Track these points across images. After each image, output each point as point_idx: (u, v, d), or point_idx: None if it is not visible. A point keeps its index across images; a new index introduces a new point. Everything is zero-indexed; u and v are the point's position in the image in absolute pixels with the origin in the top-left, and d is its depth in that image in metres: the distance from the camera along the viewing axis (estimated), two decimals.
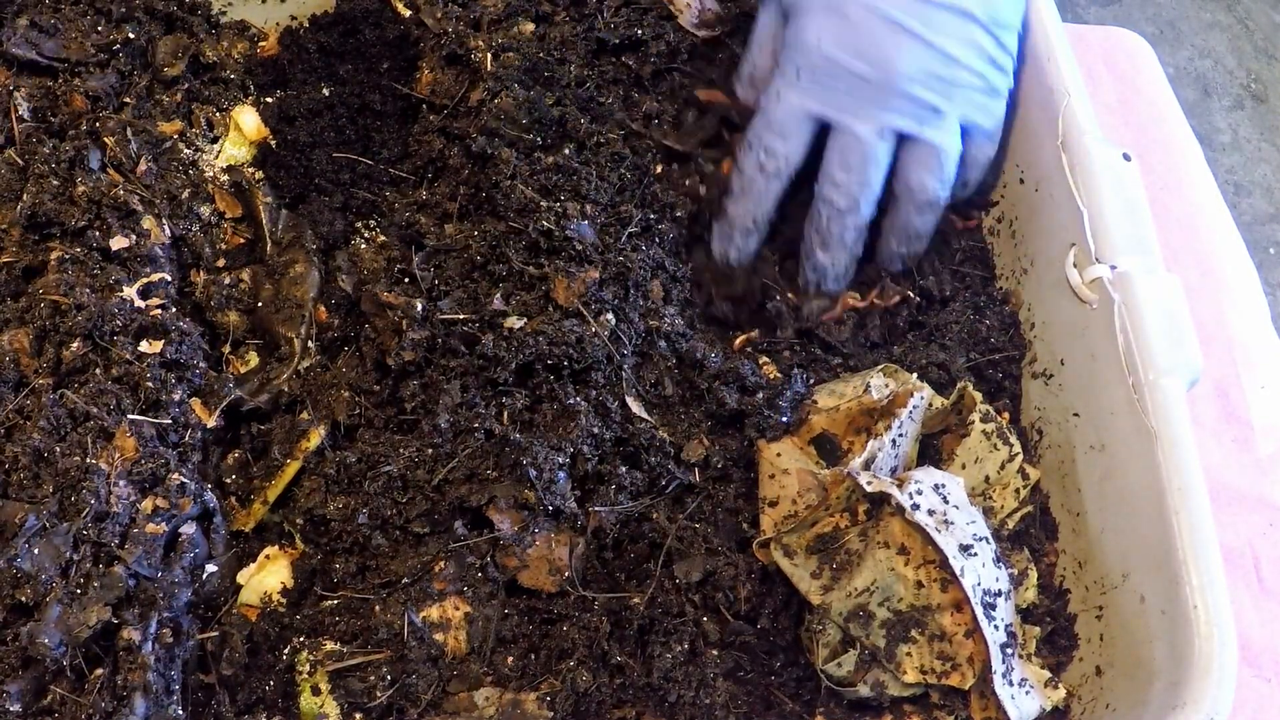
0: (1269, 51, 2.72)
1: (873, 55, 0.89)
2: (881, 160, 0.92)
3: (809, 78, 0.91)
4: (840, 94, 0.91)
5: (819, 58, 0.90)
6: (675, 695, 0.79)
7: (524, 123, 0.95)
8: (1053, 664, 0.85)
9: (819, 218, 0.94)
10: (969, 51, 0.91)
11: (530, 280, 0.90)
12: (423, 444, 0.84)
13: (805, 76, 0.91)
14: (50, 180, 0.89)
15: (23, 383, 0.81)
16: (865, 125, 0.91)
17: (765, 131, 0.94)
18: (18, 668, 0.72)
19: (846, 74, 0.90)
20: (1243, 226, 1.34)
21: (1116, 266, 0.87)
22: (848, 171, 0.92)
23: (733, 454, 0.88)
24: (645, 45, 1.02)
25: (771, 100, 0.93)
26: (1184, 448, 0.80)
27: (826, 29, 0.89)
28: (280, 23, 1.11)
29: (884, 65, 0.89)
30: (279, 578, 0.83)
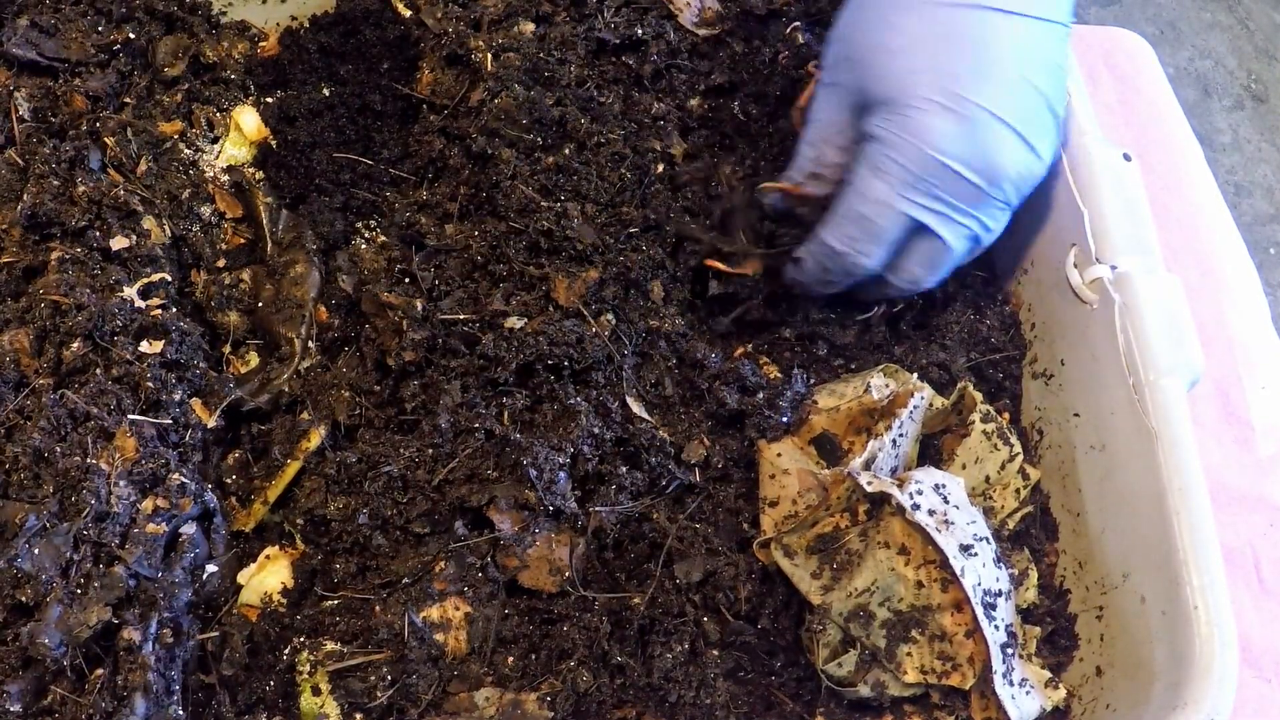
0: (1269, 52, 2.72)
1: (985, 160, 0.83)
2: (960, 259, 0.89)
3: (918, 184, 0.84)
4: (946, 200, 0.84)
5: (935, 164, 0.83)
6: (676, 695, 0.79)
7: (524, 123, 0.95)
8: (1053, 664, 0.85)
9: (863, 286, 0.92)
10: (1048, 141, 0.86)
11: (531, 280, 0.90)
12: (423, 444, 0.84)
13: (915, 182, 0.83)
14: (51, 180, 0.89)
15: (23, 383, 0.81)
16: (961, 232, 0.86)
17: (863, 238, 0.87)
18: (18, 668, 0.72)
19: (957, 180, 0.83)
20: (1243, 227, 1.34)
21: (1117, 267, 0.87)
22: (930, 271, 0.89)
23: (733, 454, 0.88)
24: (645, 45, 1.02)
25: (872, 205, 0.85)
26: (1184, 448, 0.80)
27: (946, 134, 0.82)
28: (280, 23, 1.11)
29: (993, 170, 0.83)
30: (279, 578, 0.83)
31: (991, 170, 0.83)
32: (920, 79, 0.83)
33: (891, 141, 0.84)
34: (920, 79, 0.83)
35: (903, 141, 0.83)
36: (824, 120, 0.90)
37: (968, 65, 0.83)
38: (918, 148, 0.83)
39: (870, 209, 0.85)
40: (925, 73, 0.83)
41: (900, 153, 0.83)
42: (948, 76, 0.82)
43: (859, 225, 0.86)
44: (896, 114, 0.83)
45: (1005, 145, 0.83)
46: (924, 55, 0.83)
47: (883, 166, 0.84)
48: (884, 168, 0.84)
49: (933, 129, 0.82)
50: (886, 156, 0.84)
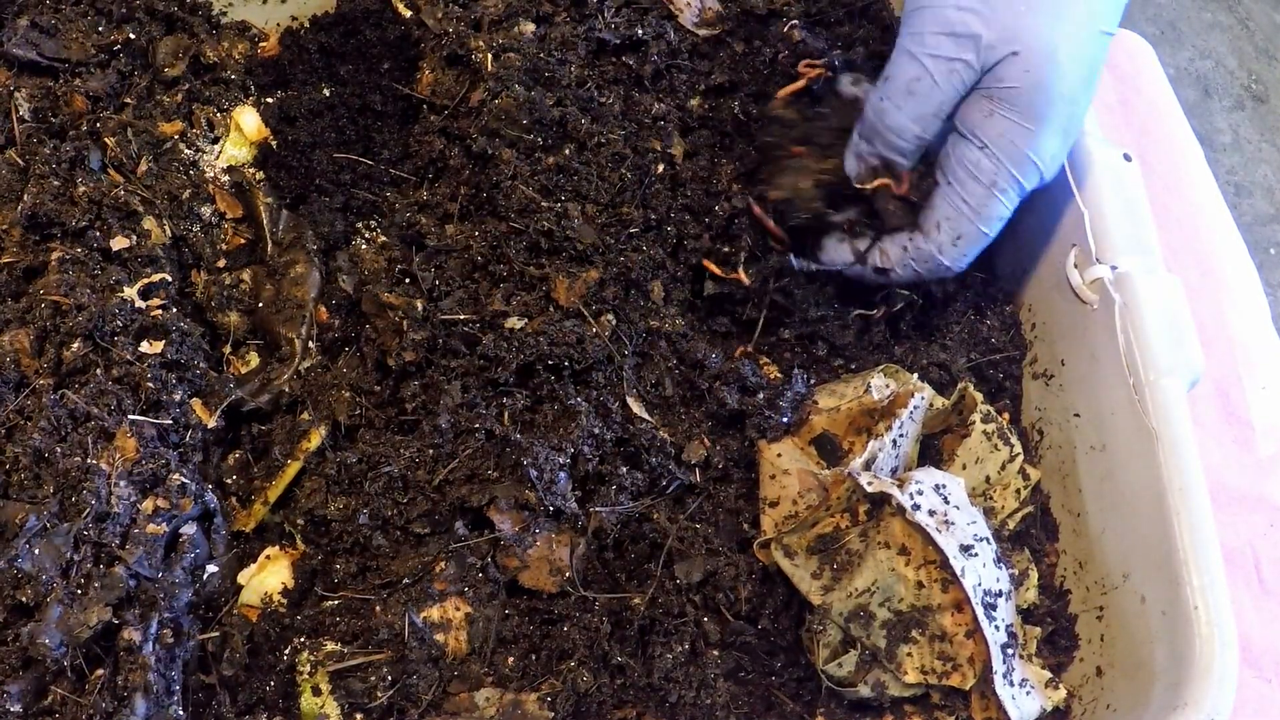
0: (1270, 52, 2.72)
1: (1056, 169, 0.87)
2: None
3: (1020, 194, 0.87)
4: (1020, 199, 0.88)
5: (1035, 176, 0.86)
6: (676, 696, 0.79)
7: (525, 123, 0.95)
8: (1053, 664, 0.85)
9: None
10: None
11: (531, 280, 0.90)
12: (423, 444, 0.84)
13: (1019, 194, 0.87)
14: (51, 181, 0.89)
15: (23, 383, 0.81)
16: None
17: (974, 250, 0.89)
18: (18, 668, 0.72)
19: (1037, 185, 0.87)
20: (1243, 227, 1.34)
21: (1117, 267, 0.87)
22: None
23: (733, 454, 0.88)
24: (646, 45, 1.02)
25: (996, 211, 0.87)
26: (1184, 448, 0.80)
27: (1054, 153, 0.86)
28: (281, 23, 1.11)
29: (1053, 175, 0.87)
30: (280, 578, 0.83)
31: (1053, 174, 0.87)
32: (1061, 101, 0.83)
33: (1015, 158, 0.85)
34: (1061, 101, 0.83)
35: (1025, 160, 0.85)
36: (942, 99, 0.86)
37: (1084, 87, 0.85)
38: (1033, 165, 0.85)
39: (989, 226, 0.88)
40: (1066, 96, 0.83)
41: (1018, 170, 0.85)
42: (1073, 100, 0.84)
43: (975, 242, 0.88)
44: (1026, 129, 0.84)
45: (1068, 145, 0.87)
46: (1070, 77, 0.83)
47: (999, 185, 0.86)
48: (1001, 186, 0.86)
49: (1048, 148, 0.85)
50: (1004, 175, 0.85)
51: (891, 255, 0.90)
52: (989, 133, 0.84)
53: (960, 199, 0.87)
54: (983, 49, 0.83)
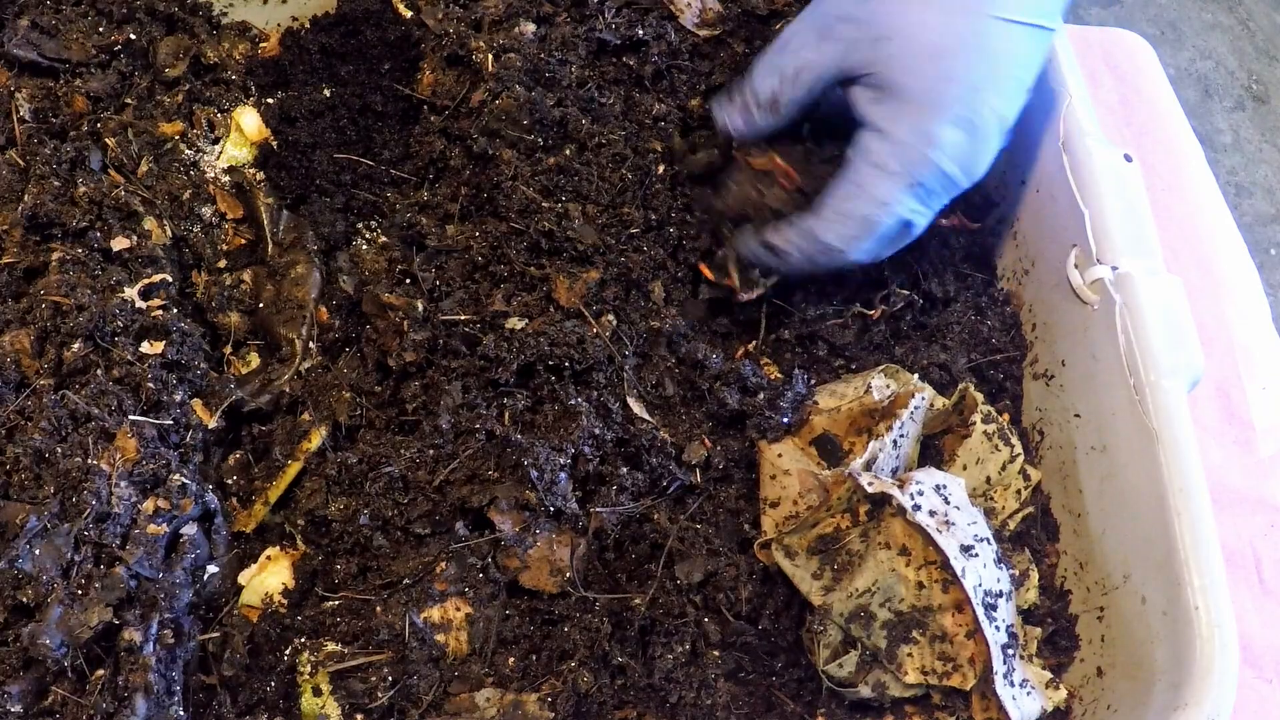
0: (1270, 52, 2.72)
1: (976, 168, 0.86)
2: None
3: (920, 186, 0.85)
4: (932, 199, 0.87)
5: (938, 171, 0.84)
6: (676, 696, 0.79)
7: (525, 124, 0.95)
8: (1054, 665, 0.85)
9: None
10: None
11: (532, 281, 0.90)
12: (424, 445, 0.84)
13: (918, 186, 0.85)
14: (51, 181, 0.90)
15: (24, 383, 0.82)
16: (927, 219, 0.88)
17: (861, 234, 0.87)
18: (19, 668, 0.72)
19: (949, 184, 0.86)
20: (1244, 227, 1.34)
21: (1118, 268, 0.87)
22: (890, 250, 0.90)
23: (734, 455, 0.88)
24: (646, 46, 1.02)
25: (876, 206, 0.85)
26: (1185, 449, 0.80)
27: (958, 145, 0.84)
28: (281, 24, 1.11)
29: (976, 174, 0.87)
30: (280, 579, 0.83)
31: (976, 173, 0.86)
32: (949, 88, 0.83)
33: (903, 143, 0.84)
34: (949, 88, 0.83)
35: (914, 146, 0.84)
36: (806, 61, 0.88)
37: (987, 76, 0.84)
38: (927, 155, 0.84)
39: (874, 210, 0.86)
40: (956, 83, 0.83)
41: (908, 156, 0.84)
42: (971, 88, 0.83)
43: (861, 225, 0.86)
44: (912, 116, 0.84)
45: (993, 151, 0.86)
46: (957, 63, 0.83)
47: (890, 167, 0.84)
48: (891, 169, 0.84)
49: (946, 139, 0.83)
50: (895, 158, 0.84)
51: (782, 234, 0.90)
52: (877, 117, 0.85)
53: (849, 180, 0.86)
54: (855, 29, 0.85)
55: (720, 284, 0.96)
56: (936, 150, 0.83)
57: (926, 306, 0.99)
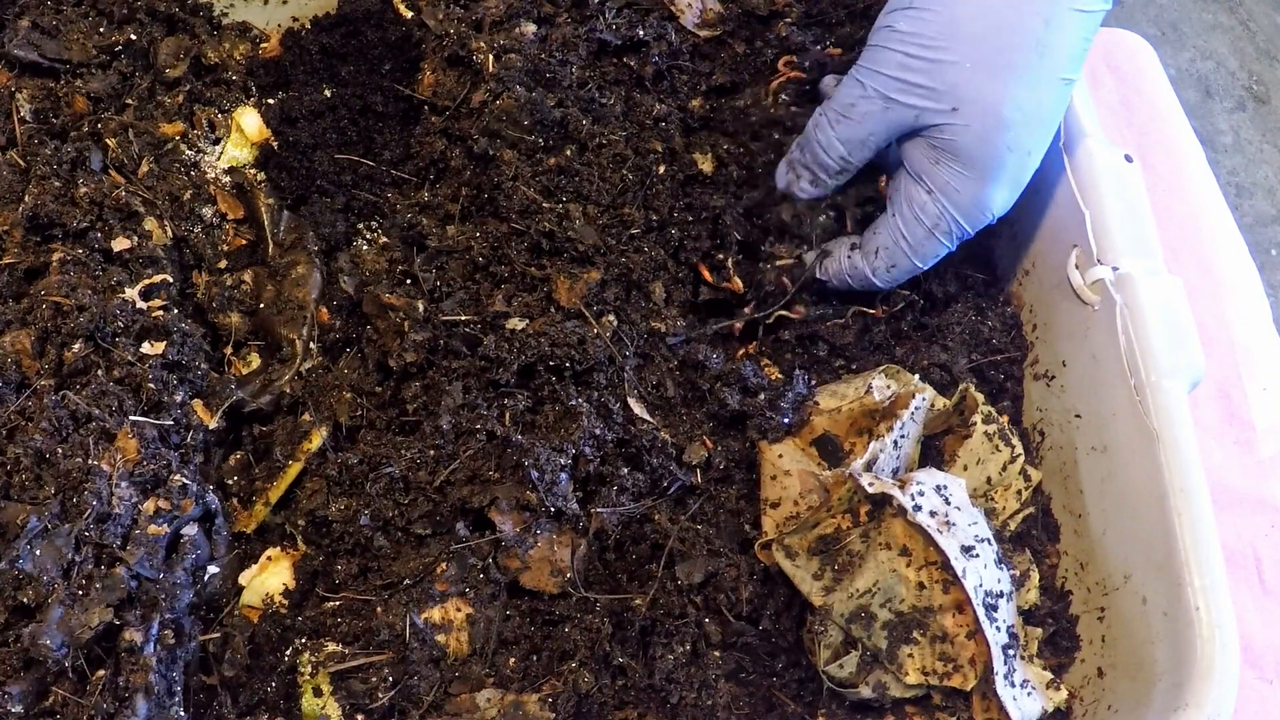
0: (1271, 53, 2.72)
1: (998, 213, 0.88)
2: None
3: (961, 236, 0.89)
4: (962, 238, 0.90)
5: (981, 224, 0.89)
6: (677, 696, 0.79)
7: (526, 124, 0.95)
8: (1054, 665, 0.85)
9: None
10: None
11: (532, 281, 0.90)
12: (425, 445, 0.84)
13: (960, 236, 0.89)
14: (52, 181, 0.90)
15: (25, 384, 0.81)
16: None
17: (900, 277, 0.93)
18: (20, 669, 0.72)
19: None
20: (1244, 228, 1.34)
21: (1118, 268, 0.87)
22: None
23: (734, 455, 0.88)
24: (647, 46, 1.02)
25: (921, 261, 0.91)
26: (1186, 449, 0.80)
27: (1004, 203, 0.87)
28: (282, 24, 1.11)
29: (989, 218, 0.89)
30: (281, 579, 0.83)
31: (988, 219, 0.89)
32: (1010, 157, 0.85)
33: (961, 206, 0.87)
34: (1010, 157, 0.85)
35: (970, 211, 0.87)
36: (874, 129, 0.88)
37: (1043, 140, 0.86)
38: (979, 217, 0.88)
39: (920, 261, 0.91)
40: (1017, 152, 0.85)
41: (963, 215, 0.87)
42: (1027, 153, 0.86)
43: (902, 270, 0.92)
44: (973, 185, 0.86)
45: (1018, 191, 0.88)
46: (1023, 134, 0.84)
47: (940, 228, 0.89)
48: (941, 229, 0.89)
49: (998, 200, 0.87)
50: (946, 218, 0.88)
51: (830, 269, 0.94)
52: (935, 180, 0.87)
53: (901, 234, 0.90)
54: (924, 98, 0.84)
55: (719, 286, 0.96)
56: (985, 210, 0.87)
57: (927, 307, 0.99)
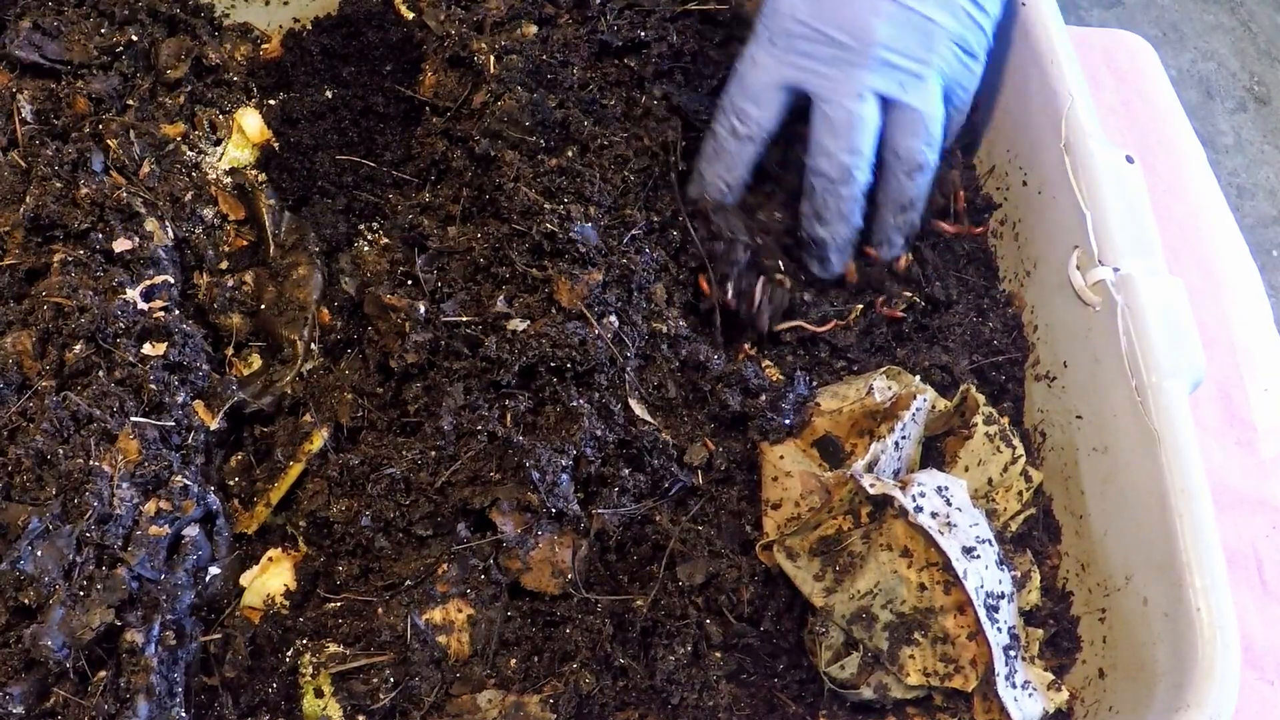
0: (1272, 54, 2.72)
1: (849, 23, 0.88)
2: (869, 125, 0.91)
3: (784, 44, 0.90)
4: (818, 62, 0.90)
5: (793, 24, 0.89)
6: (678, 698, 0.79)
7: (527, 125, 0.95)
8: (1056, 666, 0.85)
9: (813, 192, 0.94)
10: (947, 15, 0.90)
11: (533, 282, 0.90)
12: (426, 446, 0.84)
13: (780, 43, 0.90)
14: (53, 182, 0.90)
15: (26, 385, 0.82)
16: (847, 92, 0.90)
17: (739, 96, 0.93)
18: (20, 670, 0.72)
19: (823, 41, 0.89)
20: (1245, 229, 1.34)
21: (1119, 269, 0.87)
22: (835, 139, 0.91)
23: (735, 456, 0.88)
24: (648, 47, 1.02)
25: (746, 65, 0.92)
26: (1187, 450, 0.80)
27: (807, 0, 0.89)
28: (283, 25, 1.11)
29: (862, 33, 0.88)
30: (282, 580, 0.83)
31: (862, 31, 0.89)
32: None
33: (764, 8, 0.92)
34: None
35: (770, 5, 0.91)
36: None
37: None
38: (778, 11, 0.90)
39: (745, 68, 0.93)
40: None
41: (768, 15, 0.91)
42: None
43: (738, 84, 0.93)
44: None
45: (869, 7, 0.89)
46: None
47: (757, 30, 0.92)
48: (757, 31, 0.92)
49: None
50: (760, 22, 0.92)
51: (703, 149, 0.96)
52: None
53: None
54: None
55: (721, 300, 0.96)
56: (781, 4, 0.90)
57: (928, 308, 0.99)
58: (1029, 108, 0.99)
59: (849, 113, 0.90)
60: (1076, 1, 2.70)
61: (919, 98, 0.91)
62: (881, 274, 0.98)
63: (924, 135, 0.92)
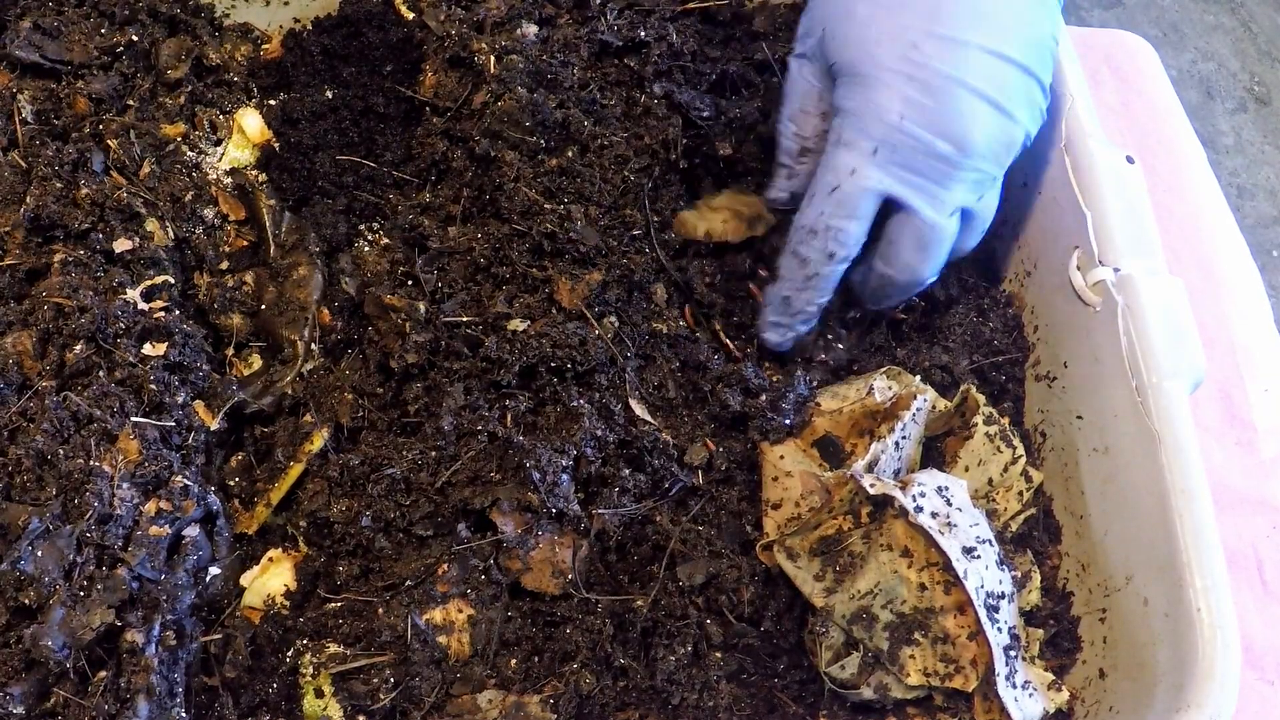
0: (1272, 54, 2.72)
1: (954, 131, 0.82)
2: (953, 237, 0.87)
3: (888, 155, 0.83)
4: (920, 173, 0.83)
5: (900, 135, 0.82)
6: (678, 698, 0.79)
7: (527, 125, 0.95)
8: (1056, 666, 0.85)
9: (883, 286, 0.90)
10: (1028, 110, 0.85)
11: (534, 283, 0.90)
12: (426, 446, 0.84)
13: (884, 153, 0.83)
14: (53, 183, 0.90)
15: (26, 385, 0.81)
16: (942, 208, 0.85)
17: (837, 214, 0.85)
18: (21, 670, 0.72)
19: (927, 152, 0.82)
20: (1245, 229, 1.34)
21: (1120, 269, 0.87)
22: (922, 253, 0.86)
23: (736, 456, 0.88)
24: (648, 47, 1.02)
25: (843, 177, 0.84)
26: (1187, 450, 0.80)
27: (910, 103, 0.81)
28: (284, 25, 1.11)
29: (964, 140, 0.82)
30: (282, 580, 0.83)
31: (962, 139, 0.82)
32: (881, 47, 0.83)
33: (858, 113, 0.83)
34: (881, 47, 0.83)
35: (870, 113, 0.83)
36: (798, 92, 0.91)
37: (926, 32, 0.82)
38: (884, 120, 0.82)
39: (841, 180, 0.84)
40: (886, 41, 0.82)
41: (868, 123, 0.83)
42: (908, 44, 0.82)
43: (831, 199, 0.85)
44: (866, 89, 0.83)
45: (975, 113, 0.82)
46: (885, 22, 0.83)
47: (850, 139, 0.84)
48: (851, 140, 0.84)
49: (898, 101, 0.82)
50: (855, 129, 0.84)
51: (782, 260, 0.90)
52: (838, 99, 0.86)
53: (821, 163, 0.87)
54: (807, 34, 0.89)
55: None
56: (889, 113, 0.82)
57: (929, 308, 0.99)
58: None
59: (941, 229, 0.86)
60: (1077, 1, 2.70)
61: (990, 202, 0.89)
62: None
63: (979, 234, 0.91)
